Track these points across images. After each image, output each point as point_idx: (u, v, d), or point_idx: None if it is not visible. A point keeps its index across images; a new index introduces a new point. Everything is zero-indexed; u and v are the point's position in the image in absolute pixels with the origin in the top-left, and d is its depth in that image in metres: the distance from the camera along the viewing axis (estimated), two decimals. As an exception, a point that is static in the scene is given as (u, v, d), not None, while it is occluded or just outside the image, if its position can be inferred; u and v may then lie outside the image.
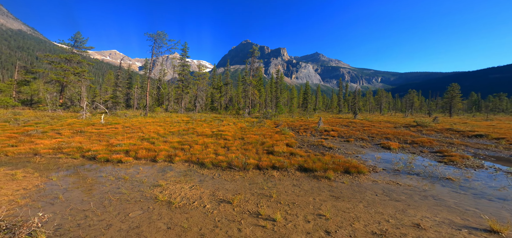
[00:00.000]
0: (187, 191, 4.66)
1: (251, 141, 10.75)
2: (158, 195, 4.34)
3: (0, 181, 4.73)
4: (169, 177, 5.58)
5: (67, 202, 3.85)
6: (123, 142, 9.16)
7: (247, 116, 29.82)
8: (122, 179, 5.26)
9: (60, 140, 9.04)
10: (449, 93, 41.83)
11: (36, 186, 4.59)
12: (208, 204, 3.97)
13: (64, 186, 4.64)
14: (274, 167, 6.25)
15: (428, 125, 17.87)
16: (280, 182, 5.23)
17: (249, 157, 7.35)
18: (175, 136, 12.03)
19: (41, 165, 6.31)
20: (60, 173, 5.55)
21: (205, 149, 8.58)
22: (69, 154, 7.41)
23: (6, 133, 10.31)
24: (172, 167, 6.50)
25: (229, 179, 5.52)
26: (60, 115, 20.12)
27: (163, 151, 7.95)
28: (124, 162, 6.81)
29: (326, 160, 6.55)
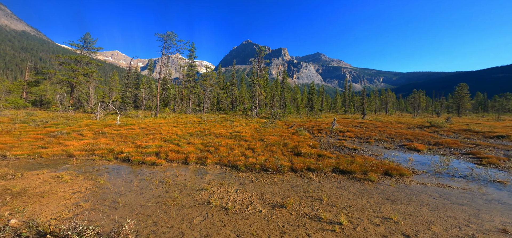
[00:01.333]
0: (234, 195, 4.67)
1: (271, 142, 10.76)
2: (209, 199, 4.36)
3: (51, 183, 4.78)
4: (209, 180, 5.60)
5: (129, 207, 3.88)
6: (149, 144, 9.22)
7: (256, 117, 29.84)
8: (165, 183, 5.29)
9: (87, 142, 9.11)
10: (457, 93, 41.49)
11: (89, 189, 4.63)
12: (263, 209, 3.98)
13: (116, 190, 4.68)
14: (309, 169, 6.25)
15: (443, 125, 17.74)
16: (322, 185, 5.23)
17: (279, 159, 7.36)
18: (194, 137, 12.07)
19: (80, 167, 6.37)
20: (104, 175, 5.60)
21: (231, 151, 8.59)
22: (102, 156, 7.47)
23: (30, 134, 10.42)
24: (206, 170, 6.52)
25: (269, 182, 5.52)
26: (73, 116, 20.29)
27: (191, 153, 7.98)
28: (158, 165, 6.84)
29: (359, 162, 6.54)
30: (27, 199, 3.92)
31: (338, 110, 59.03)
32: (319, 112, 42.22)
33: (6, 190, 4.27)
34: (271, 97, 45.48)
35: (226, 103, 45.17)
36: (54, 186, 4.66)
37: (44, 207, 3.66)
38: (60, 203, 3.86)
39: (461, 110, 42.48)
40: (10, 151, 7.11)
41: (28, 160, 6.82)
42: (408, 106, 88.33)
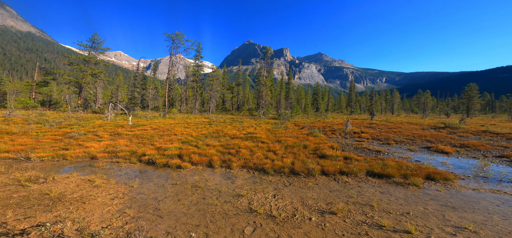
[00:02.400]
0: (274, 201, 4.49)
1: (290, 144, 10.57)
2: (250, 206, 4.19)
3: (85, 188, 4.65)
4: (241, 185, 5.43)
5: (173, 215, 3.71)
6: (169, 146, 9.08)
7: (263, 117, 29.66)
8: (198, 188, 5.13)
9: (106, 143, 9.01)
10: (466, 94, 40.81)
11: (125, 194, 4.49)
12: (312, 216, 3.78)
13: (152, 195, 4.53)
14: (342, 173, 6.04)
15: (458, 127, 17.35)
16: (363, 189, 5.02)
17: (306, 162, 7.17)
18: (209, 138, 11.93)
19: (107, 170, 6.25)
20: (135, 179, 5.46)
21: (252, 153, 8.41)
22: (126, 158, 7.35)
23: (47, 135, 10.38)
24: (234, 174, 6.35)
25: (303, 187, 5.34)
26: (83, 116, 20.32)
27: (214, 156, 7.83)
28: (183, 168, 6.69)
29: (392, 165, 6.31)
30: (69, 205, 3.78)
31: (343, 110, 58.53)
32: (325, 112, 41.87)
33: (43, 194, 4.14)
34: (277, 98, 45.25)
35: (232, 104, 45.02)
36: (89, 191, 4.53)
37: (90, 214, 3.52)
38: (103, 209, 3.71)
39: (471, 110, 41.78)
40: (33, 153, 7.02)
41: (52, 162, 6.73)
42: (413, 106, 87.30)
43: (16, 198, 3.87)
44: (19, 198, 3.88)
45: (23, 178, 4.80)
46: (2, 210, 3.40)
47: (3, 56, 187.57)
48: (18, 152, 7.25)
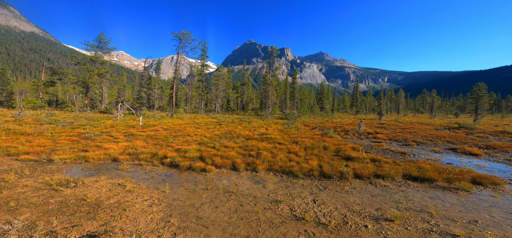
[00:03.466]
0: (316, 207, 4.28)
1: (308, 145, 10.35)
2: (294, 213, 3.98)
3: (118, 194, 4.47)
4: (275, 190, 5.23)
5: (217, 225, 3.52)
6: (187, 147, 8.91)
7: (270, 117, 29.44)
8: (232, 193, 4.93)
9: (124, 145, 8.87)
10: (475, 93, 40.13)
11: (160, 200, 4.31)
12: (368, 224, 3.57)
13: (188, 202, 4.34)
14: (377, 176, 5.81)
15: (474, 127, 17.00)
16: (408, 194, 4.76)
17: (332, 164, 6.95)
18: (223, 139, 11.75)
19: (132, 173, 6.08)
20: (164, 184, 5.28)
21: (274, 156, 8.20)
22: (148, 160, 7.19)
23: (62, 135, 10.26)
24: (262, 178, 6.15)
25: (341, 191, 5.12)
26: (92, 116, 20.25)
27: (236, 158, 7.65)
28: (208, 171, 6.51)
29: (428, 168, 6.06)
30: (110, 212, 3.61)
31: (348, 110, 58.07)
32: (331, 112, 41.54)
33: (80, 200, 3.98)
34: (281, 97, 44.97)
35: (236, 103, 44.84)
36: (124, 196, 4.36)
37: (134, 222, 3.35)
38: (146, 217, 3.53)
39: (479, 110, 41.16)
40: (54, 155, 6.89)
41: (75, 164, 6.58)
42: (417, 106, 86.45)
43: (54, 204, 3.70)
44: (57, 204, 3.72)
45: (53, 182, 4.64)
46: (45, 217, 3.24)
47: (7, 56, 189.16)
48: (38, 153, 7.13)
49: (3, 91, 34.41)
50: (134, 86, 43.97)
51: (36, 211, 3.43)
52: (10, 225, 2.83)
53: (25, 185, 4.51)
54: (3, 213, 3.27)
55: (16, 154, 7.00)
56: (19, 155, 6.81)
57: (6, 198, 3.81)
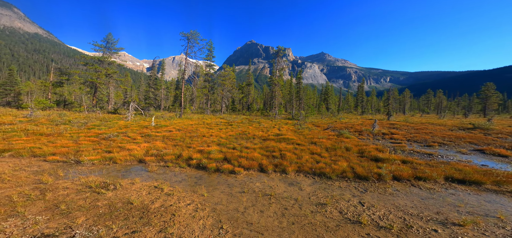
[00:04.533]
0: (366, 209, 4.13)
1: (328, 146, 10.21)
2: (346, 217, 3.85)
3: (159, 197, 4.36)
4: (313, 192, 5.10)
5: (273, 231, 3.37)
6: (208, 148, 8.81)
7: (278, 117, 29.31)
8: (271, 196, 4.80)
9: (145, 146, 8.79)
10: (483, 93, 39.80)
11: (204, 205, 4.19)
12: (437, 228, 3.40)
13: (231, 206, 4.22)
14: (417, 178, 5.63)
15: (489, 127, 16.73)
16: (460, 197, 4.58)
17: (364, 166, 6.81)
18: (240, 140, 11.64)
19: (163, 175, 5.98)
20: (200, 187, 5.17)
21: (299, 157, 8.05)
22: (174, 162, 7.09)
23: (81, 136, 10.22)
24: (294, 180, 6.02)
25: (384, 193, 4.97)
26: (104, 117, 20.27)
27: (262, 160, 7.53)
28: (237, 173, 6.40)
29: (469, 171, 5.87)
30: (160, 217, 3.51)
31: (352, 110, 57.74)
32: (337, 113, 41.29)
33: (126, 203, 3.88)
34: (286, 97, 44.82)
35: (242, 104, 44.75)
36: (165, 200, 4.26)
37: (188, 229, 3.24)
38: (198, 223, 3.42)
39: (487, 110, 40.72)
40: (81, 156, 6.82)
41: (103, 165, 6.50)
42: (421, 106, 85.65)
43: (103, 208, 3.61)
44: (106, 208, 3.62)
45: (92, 184, 4.56)
46: (102, 221, 3.14)
47: (11, 57, 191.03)
48: (64, 154, 7.07)
49: (11, 91, 34.68)
50: (140, 86, 44.10)
51: (89, 215, 3.33)
52: (71, 229, 2.73)
53: (65, 187, 4.43)
54: (59, 216, 3.18)
55: (42, 155, 6.94)
56: (46, 156, 6.75)
57: (54, 201, 3.73)
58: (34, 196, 3.85)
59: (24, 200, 3.68)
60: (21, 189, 4.18)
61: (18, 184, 4.45)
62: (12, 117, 15.92)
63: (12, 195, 3.80)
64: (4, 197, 3.74)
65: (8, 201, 3.59)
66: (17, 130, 10.27)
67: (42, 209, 3.40)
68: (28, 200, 3.69)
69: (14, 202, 3.56)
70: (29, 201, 3.63)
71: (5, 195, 3.82)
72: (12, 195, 3.80)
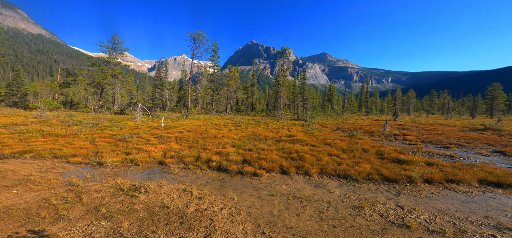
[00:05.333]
0: (407, 212, 4.02)
1: (343, 147, 10.12)
2: (388, 220, 3.76)
3: (191, 201, 4.30)
4: (344, 194, 5.01)
5: (316, 235, 3.28)
6: (224, 150, 8.75)
7: (284, 118, 29.22)
8: (302, 199, 4.73)
9: (162, 147, 8.76)
10: (490, 93, 39.41)
11: (237, 208, 4.13)
12: (495, 234, 3.30)
13: (265, 210, 4.13)
14: (449, 181, 5.51)
15: (500, 128, 16.53)
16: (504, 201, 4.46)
17: (389, 167, 6.70)
18: (253, 141, 11.58)
19: (186, 177, 5.93)
20: (227, 190, 5.11)
21: (318, 159, 7.96)
22: (193, 164, 7.04)
23: (96, 137, 10.22)
24: (320, 182, 5.94)
25: (419, 196, 4.86)
26: (112, 117, 20.32)
27: (283, 162, 7.46)
28: (259, 175, 6.33)
29: (500, 173, 5.76)
30: (199, 222, 3.44)
31: (356, 111, 57.48)
32: (342, 113, 41.14)
33: (162, 207, 3.82)
34: (290, 98, 44.73)
35: (246, 105, 44.72)
36: (198, 203, 4.20)
37: (231, 235, 3.17)
38: (239, 229, 3.36)
39: (494, 111, 40.33)
40: (103, 158, 6.80)
41: (125, 167, 6.47)
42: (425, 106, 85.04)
43: (142, 212, 3.56)
44: (144, 212, 3.57)
45: (124, 187, 4.52)
46: (146, 226, 3.09)
47: (15, 58, 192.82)
48: (85, 156, 7.05)
49: (17, 92, 34.93)
50: (145, 87, 44.25)
51: (131, 219, 3.28)
52: (120, 234, 2.68)
53: (98, 189, 4.39)
54: (103, 220, 3.13)
55: (63, 156, 6.93)
56: (68, 158, 6.74)
57: (92, 204, 3.68)
58: (71, 199, 3.81)
59: (62, 202, 3.64)
60: (54, 192, 4.14)
61: (50, 186, 4.42)
62: (23, 118, 16.00)
63: (49, 198, 3.77)
64: (42, 200, 3.70)
65: (47, 204, 3.55)
66: (32, 131, 10.29)
67: (83, 212, 3.36)
68: (67, 203, 3.65)
69: (54, 205, 3.52)
70: (68, 204, 3.59)
71: (42, 198, 3.79)
72: (49, 198, 3.77)
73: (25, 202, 3.59)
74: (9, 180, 4.60)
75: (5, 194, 3.82)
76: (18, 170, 5.30)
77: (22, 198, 3.72)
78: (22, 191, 4.02)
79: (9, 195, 3.80)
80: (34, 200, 3.70)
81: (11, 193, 3.91)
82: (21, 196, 3.81)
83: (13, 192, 3.93)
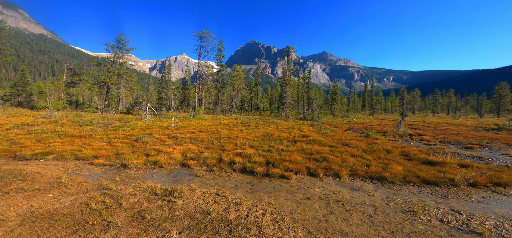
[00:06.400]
0: (467, 217, 3.80)
1: (363, 147, 9.90)
2: (452, 225, 3.55)
3: (230, 207, 4.09)
4: (386, 197, 4.78)
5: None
6: (246, 152, 8.56)
7: (291, 118, 29.00)
8: (343, 203, 4.52)
9: (181, 148, 8.58)
10: (497, 93, 38.98)
11: (280, 214, 3.94)
12: None
13: (309, 215, 3.91)
14: (496, 184, 5.27)
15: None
16: None
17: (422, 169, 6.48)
18: (267, 141, 11.38)
19: (214, 180, 5.74)
20: (259, 193, 4.91)
21: (343, 160, 7.74)
22: (216, 166, 6.85)
23: (110, 137, 10.06)
24: (354, 184, 5.71)
25: (467, 199, 4.64)
26: (121, 117, 20.18)
27: (307, 163, 7.26)
28: (288, 178, 6.12)
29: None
30: (247, 230, 3.23)
31: (360, 110, 57.13)
32: (347, 112, 40.86)
33: (204, 214, 3.62)
34: (295, 97, 44.47)
35: (251, 104, 44.51)
36: (237, 209, 3.99)
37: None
38: (289, 236, 3.17)
39: (500, 110, 39.91)
40: (125, 159, 6.62)
41: (150, 170, 6.28)
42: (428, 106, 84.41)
43: (185, 219, 3.36)
44: (188, 219, 3.37)
45: (159, 192, 4.33)
46: (195, 234, 2.90)
47: (17, 58, 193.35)
48: (106, 158, 6.88)
49: (23, 92, 34.90)
50: (149, 86, 44.14)
51: (179, 226, 3.09)
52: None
53: (132, 194, 4.20)
54: (151, 228, 2.94)
55: (84, 158, 6.76)
56: (90, 159, 6.57)
57: (133, 210, 3.49)
58: (110, 204, 3.63)
59: (103, 207, 3.46)
60: (90, 195, 3.97)
61: (83, 190, 4.24)
62: (32, 118, 15.87)
63: (88, 202, 3.59)
64: (82, 204, 3.52)
65: (89, 209, 3.37)
66: (47, 132, 10.14)
67: (128, 219, 3.17)
68: (107, 208, 3.47)
69: (96, 210, 3.34)
70: (110, 210, 3.41)
71: (80, 202, 3.61)
72: (88, 202, 3.59)
73: (66, 206, 3.41)
74: (39, 183, 4.43)
75: (42, 198, 3.65)
76: (44, 172, 5.13)
77: (60, 202, 3.54)
78: (57, 195, 3.85)
79: (46, 199, 3.63)
80: (73, 204, 3.52)
81: (47, 196, 3.74)
82: (58, 200, 3.64)
83: (49, 196, 3.76)
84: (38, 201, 3.53)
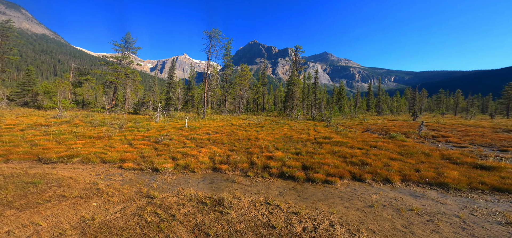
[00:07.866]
0: None
1: (395, 150, 9.41)
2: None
3: (290, 219, 3.64)
4: (463, 206, 4.33)
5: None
6: (278, 154, 8.10)
7: (301, 118, 28.53)
8: (423, 213, 4.01)
9: (207, 151, 8.15)
10: (506, 93, 38.35)
11: (349, 224, 3.50)
12: None
13: (386, 225, 3.49)
14: None
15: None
16: None
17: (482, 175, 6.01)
18: (288, 143, 10.92)
19: (255, 187, 5.30)
20: (314, 201, 4.47)
21: (385, 164, 7.21)
22: (253, 171, 6.39)
23: (130, 139, 9.64)
24: (413, 191, 5.25)
25: None
26: (131, 118, 19.79)
27: (349, 167, 6.83)
28: (333, 183, 5.66)
29: None
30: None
31: (366, 111, 56.54)
32: (354, 113, 40.34)
33: (267, 227, 3.17)
34: (300, 97, 43.96)
35: (257, 104, 44.06)
36: (301, 221, 3.56)
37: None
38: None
39: (510, 111, 39.25)
40: (153, 164, 6.19)
41: (182, 174, 5.84)
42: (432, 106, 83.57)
43: (249, 234, 2.92)
44: (252, 234, 2.94)
45: (207, 201, 3.89)
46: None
47: (20, 58, 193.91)
48: (134, 161, 6.46)
49: (28, 91, 34.64)
50: (153, 86, 43.82)
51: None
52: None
53: (178, 203, 3.76)
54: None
55: (111, 161, 6.34)
56: (118, 163, 6.14)
57: (189, 224, 3.04)
58: (164, 216, 3.19)
59: (158, 220, 3.03)
60: (137, 205, 3.53)
61: (126, 198, 3.81)
62: (43, 118, 15.50)
63: (139, 213, 3.16)
64: (133, 215, 3.09)
65: (144, 221, 2.94)
66: (65, 132, 9.73)
67: (190, 234, 2.74)
68: (162, 221, 3.03)
69: (154, 223, 2.91)
70: (166, 223, 2.97)
71: (130, 213, 3.18)
72: (139, 213, 3.16)
73: (118, 217, 2.99)
74: (76, 190, 4.01)
75: (88, 207, 3.23)
76: (76, 177, 4.71)
77: (109, 213, 3.12)
78: (102, 204, 3.42)
79: (93, 208, 3.21)
80: (125, 215, 3.10)
81: (92, 205, 3.32)
82: (106, 209, 3.22)
83: (94, 205, 3.33)
84: (86, 211, 3.11)
